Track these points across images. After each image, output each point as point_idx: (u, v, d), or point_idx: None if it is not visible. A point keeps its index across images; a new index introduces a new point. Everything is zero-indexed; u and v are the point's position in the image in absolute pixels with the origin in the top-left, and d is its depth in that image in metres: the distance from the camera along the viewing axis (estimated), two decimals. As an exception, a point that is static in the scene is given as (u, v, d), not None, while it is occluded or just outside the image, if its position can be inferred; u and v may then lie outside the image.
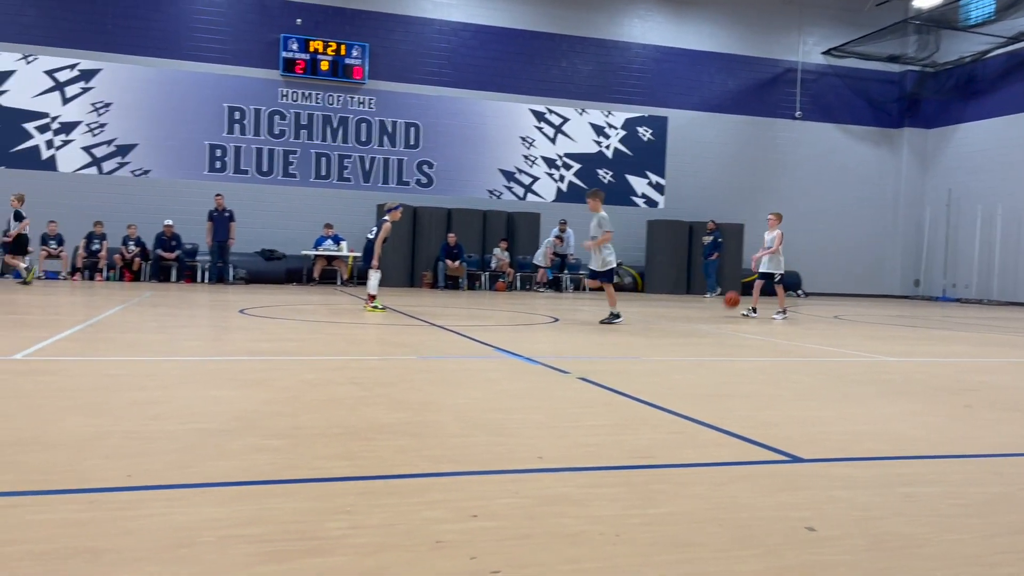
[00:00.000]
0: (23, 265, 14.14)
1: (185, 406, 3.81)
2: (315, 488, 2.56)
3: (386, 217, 10.81)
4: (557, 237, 19.34)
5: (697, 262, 20.67)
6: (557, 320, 10.29)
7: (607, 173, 22.02)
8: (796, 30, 23.20)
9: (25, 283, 13.73)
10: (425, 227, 19.32)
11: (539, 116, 21.45)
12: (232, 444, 3.08)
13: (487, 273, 19.62)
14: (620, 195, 21.84)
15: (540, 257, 19.26)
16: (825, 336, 9.41)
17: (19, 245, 14.21)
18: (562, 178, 21.74)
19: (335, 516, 2.26)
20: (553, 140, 21.62)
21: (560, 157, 21.70)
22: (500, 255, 19.49)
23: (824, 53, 23.31)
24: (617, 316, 9.65)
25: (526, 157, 21.41)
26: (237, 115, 19.10)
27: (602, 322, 9.62)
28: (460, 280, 19.12)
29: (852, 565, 2.04)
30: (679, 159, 22.53)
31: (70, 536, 2.04)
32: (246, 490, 2.51)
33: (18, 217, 14.25)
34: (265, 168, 19.40)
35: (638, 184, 22.30)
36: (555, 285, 19.92)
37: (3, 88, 17.54)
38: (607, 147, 22.04)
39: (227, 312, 9.82)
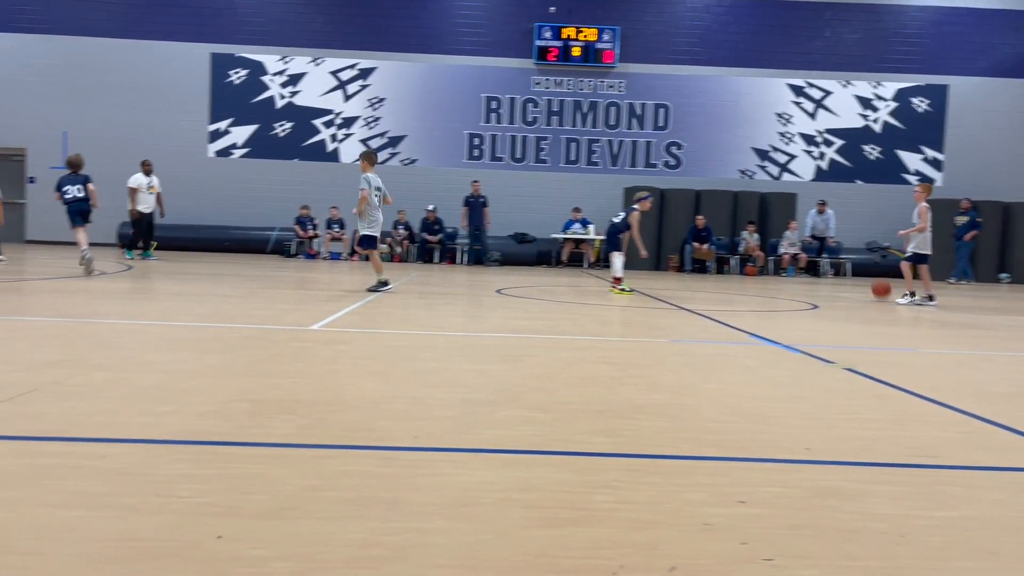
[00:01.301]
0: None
1: (454, 377, 4.11)
2: (580, 461, 2.66)
3: (635, 206, 10.92)
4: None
5: (981, 247, 18.47)
6: (816, 307, 9.72)
7: (874, 149, 20.33)
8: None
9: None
10: (672, 210, 19.06)
11: (797, 91, 20.26)
12: (499, 414, 3.28)
13: (736, 257, 18.97)
14: (888, 172, 20.08)
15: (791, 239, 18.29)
16: None
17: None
18: (822, 155, 20.41)
19: (602, 490, 2.34)
20: (813, 115, 20.34)
21: (820, 133, 20.38)
22: (750, 238, 18.75)
23: None
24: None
25: (782, 134, 20.36)
26: (493, 104, 20.02)
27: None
28: (708, 264, 18.66)
29: None
30: (961, 132, 20.22)
31: (371, 487, 2.29)
32: (515, 458, 2.67)
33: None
34: (518, 155, 20.17)
35: (911, 160, 20.35)
36: (812, 269, 18.82)
37: (297, 89, 19.81)
38: (875, 120, 20.33)
39: (485, 292, 10.38)
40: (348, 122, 19.92)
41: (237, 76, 19.68)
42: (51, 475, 2.28)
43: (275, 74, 19.74)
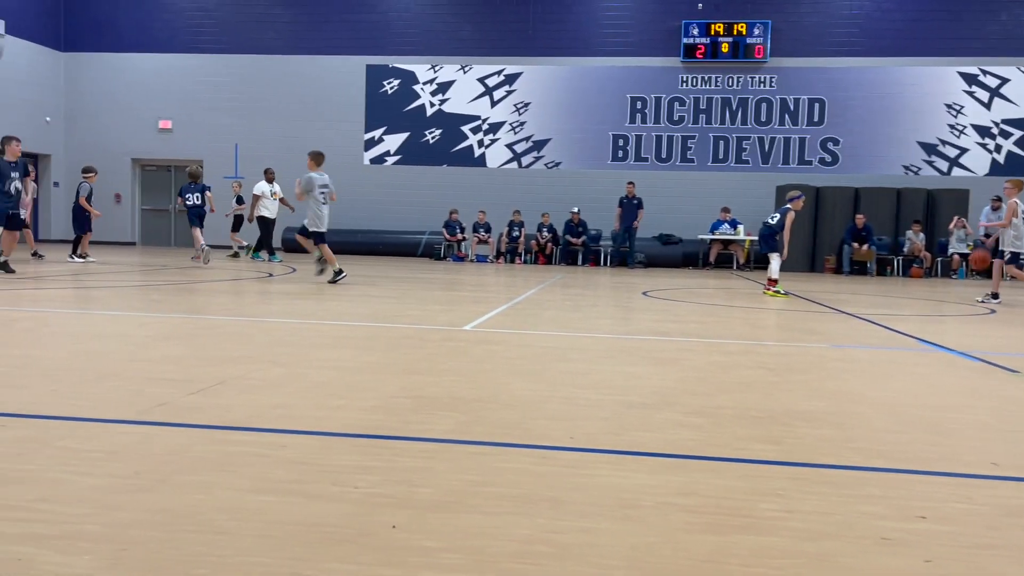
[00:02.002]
0: (244, 243, 16.42)
1: (606, 379, 4.10)
2: (741, 468, 2.59)
3: (788, 205, 10.62)
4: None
5: None
6: (994, 312, 8.99)
7: (1059, 140, 18.57)
8: None
9: (235, 257, 15.76)
10: (828, 208, 18.16)
11: (970, 79, 18.81)
12: (655, 418, 3.24)
13: (900, 258, 17.83)
14: (1077, 165, 18.29)
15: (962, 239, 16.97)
16: None
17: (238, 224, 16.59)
18: (998, 148, 18.84)
19: (767, 498, 2.27)
20: (988, 105, 18.82)
21: (996, 124, 18.82)
22: (914, 238, 17.57)
23: None
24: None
25: (952, 127, 18.96)
26: (639, 104, 19.82)
27: None
28: (868, 265, 17.64)
29: None
30: None
31: (532, 485, 2.33)
32: (674, 462, 2.63)
33: (239, 200, 16.54)
34: (664, 154, 19.87)
35: (1103, 151, 18.43)
36: (987, 271, 17.39)
37: (446, 96, 20.41)
38: (1060, 109, 18.56)
39: (631, 294, 10.30)
40: (494, 127, 20.31)
41: (390, 86, 20.52)
42: (239, 462, 2.47)
43: (425, 83, 20.43)
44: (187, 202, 13.48)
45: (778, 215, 10.73)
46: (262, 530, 1.92)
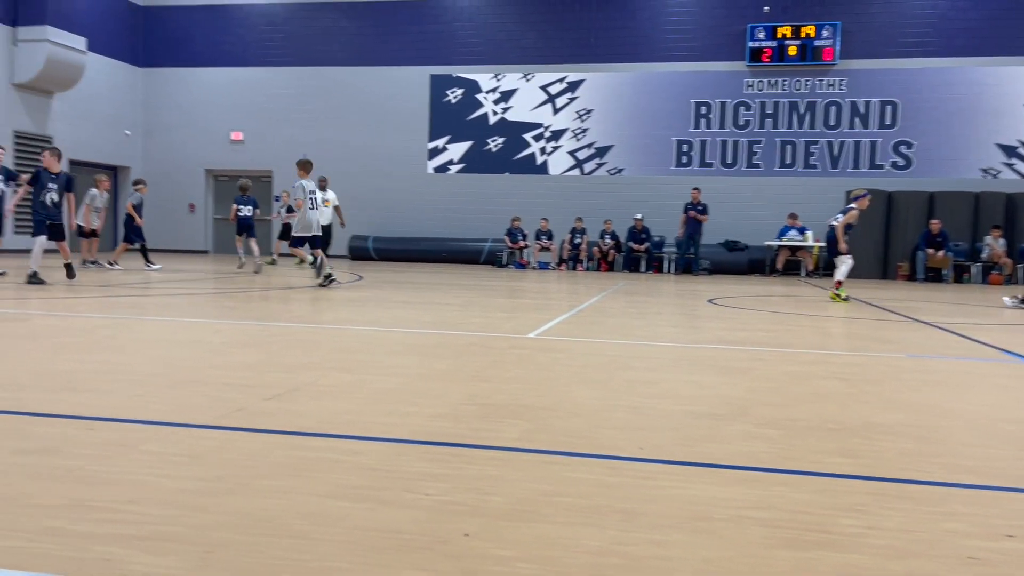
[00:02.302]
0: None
1: (674, 388, 4.06)
2: (818, 482, 2.53)
3: (852, 204, 10.40)
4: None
5: None
6: (1081, 321, 8.59)
7: None
8: None
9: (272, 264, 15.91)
10: (901, 213, 17.62)
11: (1052, 78, 18.05)
12: (726, 429, 3.19)
13: (978, 264, 17.18)
14: None
15: None
16: None
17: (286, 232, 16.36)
18: (1084, 150, 18.03)
19: (846, 513, 2.21)
20: (1072, 105, 18.03)
21: (1081, 125, 18.01)
22: (993, 244, 16.91)
23: None
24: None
25: (1034, 128, 18.21)
26: (703, 110, 19.59)
27: None
28: (944, 272, 17.05)
29: None
30: None
31: (603, 496, 2.32)
32: (748, 475, 2.59)
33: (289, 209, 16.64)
34: (729, 160, 19.59)
35: None
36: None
37: (509, 105, 20.52)
38: None
39: (696, 301, 10.16)
40: (556, 135, 20.33)
41: (454, 95, 20.73)
42: (315, 467, 2.52)
43: (488, 91, 20.58)
44: (239, 213, 14.24)
45: (841, 215, 10.50)
46: (340, 536, 1.96)
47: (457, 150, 20.79)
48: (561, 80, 20.23)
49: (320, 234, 10.78)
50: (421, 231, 20.68)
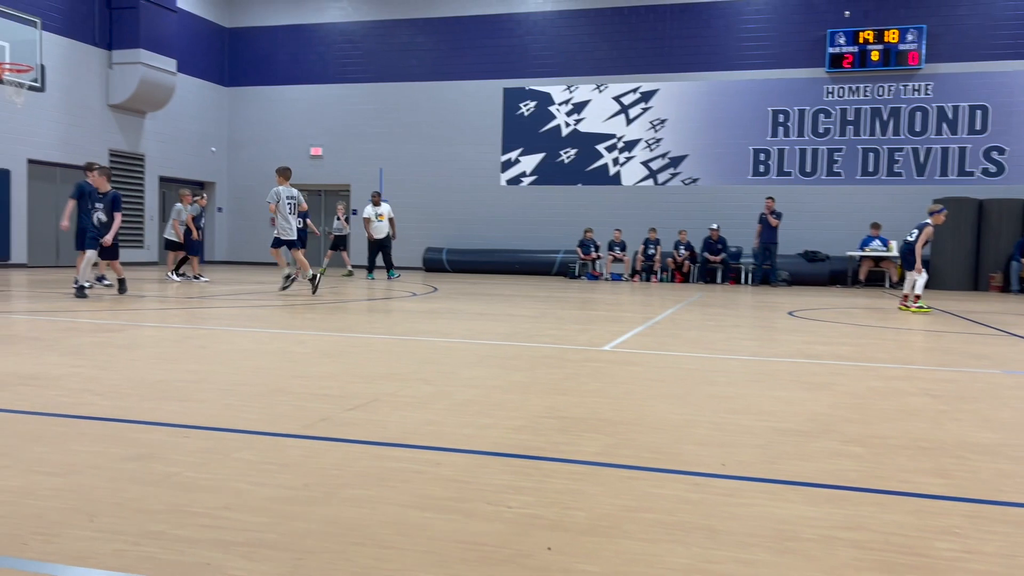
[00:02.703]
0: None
1: (756, 403, 3.98)
2: (910, 502, 2.45)
3: (928, 220, 10.22)
4: None
5: None
6: None
7: None
8: None
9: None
10: (993, 222, 16.86)
11: None
12: (810, 446, 3.12)
13: (1079, 275, 16.29)
14: None
15: None
16: None
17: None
18: None
19: (942, 536, 2.13)
20: None
21: None
22: (1098, 253, 16.01)
23: None
24: None
25: None
26: (781, 117, 19.20)
27: None
28: (1041, 283, 16.23)
29: None
30: None
31: (686, 512, 2.30)
32: (835, 494, 2.52)
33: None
34: (808, 168, 19.12)
35: None
36: None
37: (581, 116, 20.52)
38: None
39: (776, 314, 9.94)
40: (630, 145, 20.22)
41: (526, 108, 20.85)
42: (398, 477, 2.57)
43: (561, 103, 20.63)
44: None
45: (916, 231, 10.27)
46: (425, 546, 1.99)
47: (530, 162, 20.88)
48: (634, 90, 20.12)
49: (295, 238, 11.16)
50: (494, 243, 20.82)
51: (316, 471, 2.62)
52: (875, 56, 18.28)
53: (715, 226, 18.24)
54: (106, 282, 11.49)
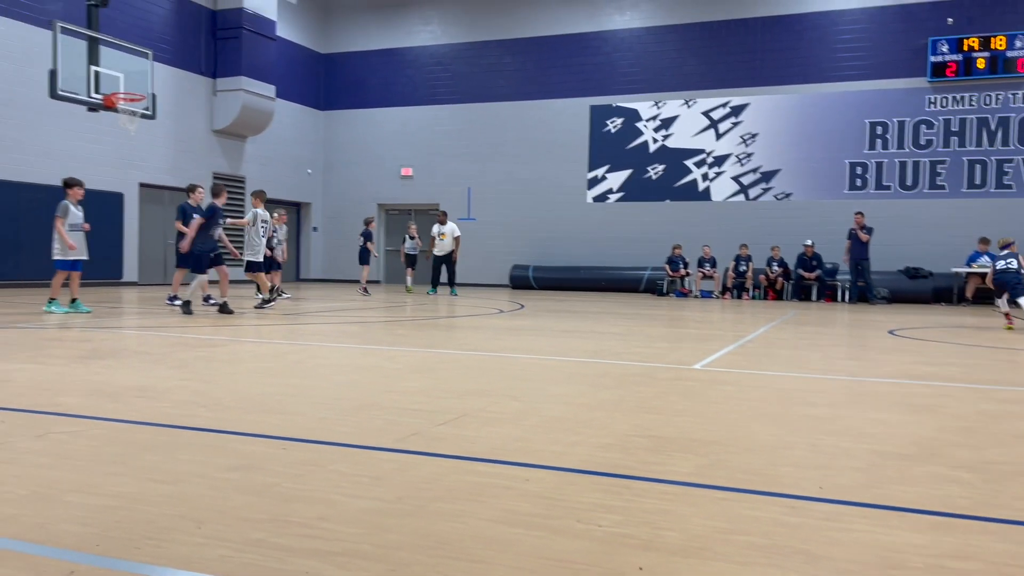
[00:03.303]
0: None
1: (855, 425, 3.84)
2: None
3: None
4: None
5: None
6: None
7: None
8: None
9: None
10: (1116, 236, 15.78)
11: None
12: (915, 470, 2.99)
13: None
14: None
15: None
16: None
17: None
18: None
19: (1063, 570, 2.00)
20: None
21: None
22: None
23: None
24: None
25: None
26: (879, 130, 18.53)
27: None
28: None
29: None
30: None
31: (783, 536, 2.23)
32: (943, 521, 2.41)
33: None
34: (909, 182, 18.37)
35: None
36: None
37: (669, 132, 20.33)
38: None
39: (876, 332, 9.57)
40: (719, 160, 19.89)
41: (613, 124, 20.80)
42: (488, 493, 2.59)
43: (648, 119, 20.49)
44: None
45: (1015, 260, 9.83)
46: (514, 562, 2.00)
47: (616, 179, 20.79)
48: (724, 105, 19.81)
49: (261, 260, 11.11)
50: (580, 260, 20.78)
51: (408, 484, 2.66)
52: (981, 64, 17.46)
53: (809, 242, 17.71)
54: (212, 301, 11.94)
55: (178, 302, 10.81)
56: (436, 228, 17.11)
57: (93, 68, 13.48)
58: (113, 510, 2.34)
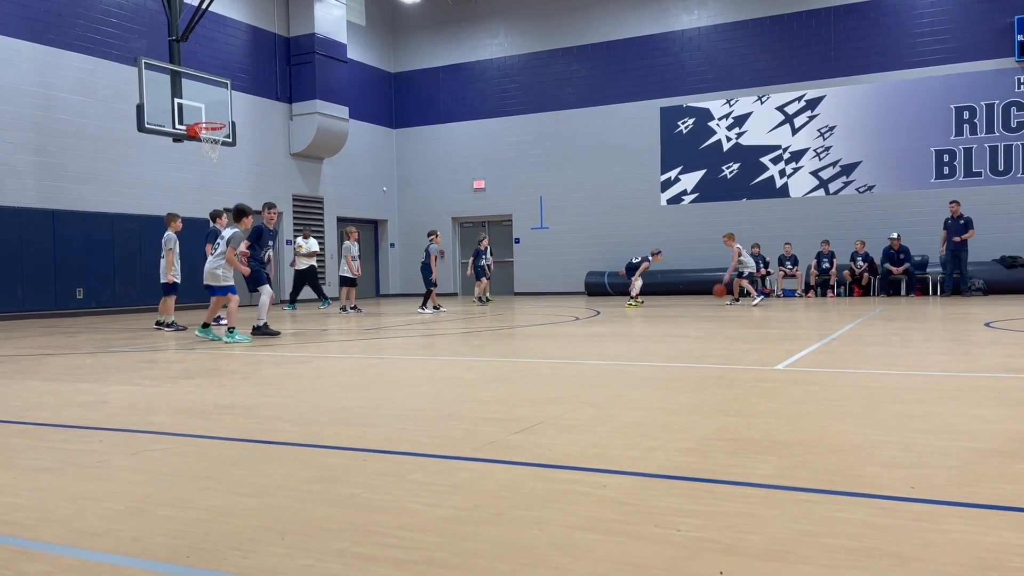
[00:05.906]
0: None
1: (948, 422, 3.67)
2: None
3: None
4: None
5: None
6: None
7: None
8: None
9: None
10: None
11: None
12: (1015, 467, 2.84)
13: None
14: None
15: None
16: None
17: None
18: None
19: None
20: None
21: None
22: None
23: None
24: None
25: None
26: (966, 115, 17.74)
27: None
28: None
29: None
30: None
31: (872, 537, 2.14)
32: (1047, 521, 2.27)
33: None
34: (1001, 167, 17.52)
35: None
36: None
37: (743, 129, 19.93)
38: None
39: (970, 325, 9.14)
40: (796, 155, 19.39)
41: (684, 125, 20.53)
42: (564, 499, 2.57)
43: (720, 118, 20.14)
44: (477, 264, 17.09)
45: None
46: (594, 569, 1.98)
47: (690, 180, 20.49)
48: (799, 99, 19.31)
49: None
50: (656, 264, 20.51)
51: (485, 492, 2.67)
52: (1076, 38, 16.54)
53: (895, 235, 17.07)
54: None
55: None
56: (301, 240, 16.65)
57: (176, 100, 14.08)
58: (202, 523, 2.42)
